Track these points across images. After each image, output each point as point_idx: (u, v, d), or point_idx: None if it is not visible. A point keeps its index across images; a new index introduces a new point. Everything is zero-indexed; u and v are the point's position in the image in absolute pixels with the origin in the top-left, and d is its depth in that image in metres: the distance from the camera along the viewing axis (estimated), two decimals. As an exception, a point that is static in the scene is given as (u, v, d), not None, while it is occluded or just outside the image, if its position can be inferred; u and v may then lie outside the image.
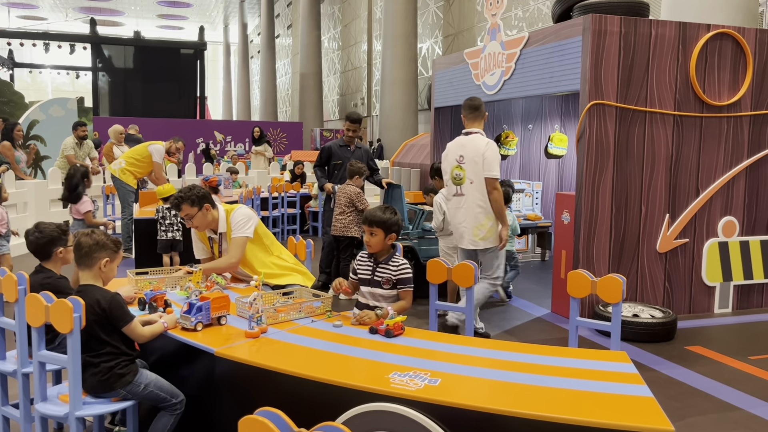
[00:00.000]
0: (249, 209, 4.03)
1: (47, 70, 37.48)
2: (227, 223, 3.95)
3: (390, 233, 3.38)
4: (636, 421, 2.07)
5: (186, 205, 3.80)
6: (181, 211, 3.82)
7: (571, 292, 3.51)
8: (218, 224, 3.96)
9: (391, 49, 19.06)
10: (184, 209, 3.81)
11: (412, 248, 6.24)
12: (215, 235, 4.03)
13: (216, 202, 4.01)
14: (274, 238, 4.27)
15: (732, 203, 6.07)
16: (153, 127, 20.24)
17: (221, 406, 2.85)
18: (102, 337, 2.81)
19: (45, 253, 3.40)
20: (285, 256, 4.22)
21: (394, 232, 3.40)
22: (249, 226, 3.92)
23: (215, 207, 3.95)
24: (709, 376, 4.44)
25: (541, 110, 9.36)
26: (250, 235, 3.92)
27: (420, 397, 2.25)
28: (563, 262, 5.94)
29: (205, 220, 3.89)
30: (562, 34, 5.97)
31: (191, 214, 3.82)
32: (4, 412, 3.23)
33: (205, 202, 3.86)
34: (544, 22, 16.06)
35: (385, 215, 3.37)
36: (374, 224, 3.36)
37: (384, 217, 3.36)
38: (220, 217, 3.95)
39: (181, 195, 3.82)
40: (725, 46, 5.89)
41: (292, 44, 37.85)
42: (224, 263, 3.89)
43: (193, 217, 3.83)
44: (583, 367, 2.56)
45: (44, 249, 3.39)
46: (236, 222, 3.90)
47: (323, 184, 6.81)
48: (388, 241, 3.40)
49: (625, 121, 5.66)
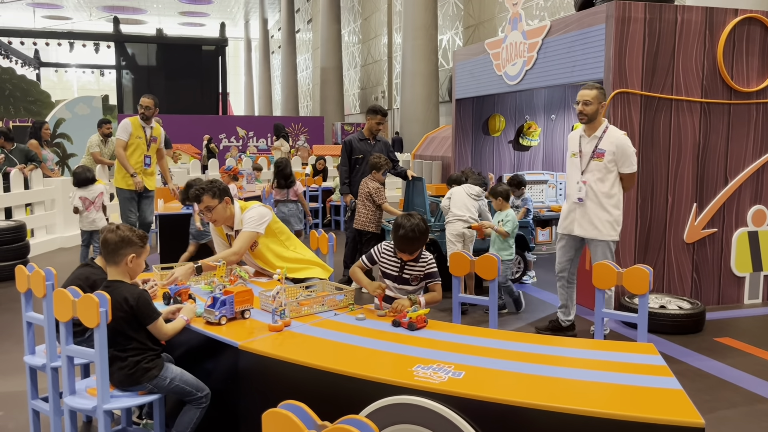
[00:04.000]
0: (263, 208, 4.04)
1: (72, 69, 38.05)
2: (241, 221, 3.97)
3: (424, 244, 3.37)
4: (665, 414, 2.03)
5: (207, 196, 3.82)
6: (201, 202, 3.85)
7: (597, 283, 3.47)
8: (234, 221, 3.99)
9: (411, 41, 18.97)
10: (204, 200, 3.83)
11: (434, 241, 6.22)
12: (232, 231, 4.05)
13: (234, 198, 4.05)
14: (291, 234, 4.27)
15: (762, 191, 5.94)
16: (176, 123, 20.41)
17: (245, 400, 2.87)
18: (129, 333, 2.84)
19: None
20: (301, 251, 4.23)
21: (425, 242, 3.36)
22: (260, 223, 3.92)
23: (233, 203, 3.99)
24: (738, 368, 4.35)
25: (564, 100, 9.24)
26: (260, 231, 3.92)
27: (444, 390, 2.24)
28: (587, 254, 5.87)
29: (224, 213, 3.92)
30: (584, 22, 5.88)
31: (212, 206, 3.85)
32: (34, 406, 3.29)
33: (226, 196, 3.90)
34: (566, 10, 15.85)
35: (423, 233, 3.28)
36: (416, 243, 3.28)
37: (423, 237, 3.28)
38: (236, 214, 3.98)
39: (203, 186, 3.85)
40: (753, 31, 5.75)
41: (313, 39, 37.93)
42: (225, 254, 3.88)
43: (213, 209, 3.86)
44: (610, 359, 2.53)
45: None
46: (248, 219, 3.92)
47: (345, 193, 6.77)
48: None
49: (651, 110, 5.57)
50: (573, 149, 4.80)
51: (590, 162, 4.66)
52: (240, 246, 3.88)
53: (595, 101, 4.57)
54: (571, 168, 4.81)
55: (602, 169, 4.61)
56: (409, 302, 3.15)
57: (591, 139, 4.66)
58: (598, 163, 4.62)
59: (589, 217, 4.68)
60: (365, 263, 3.55)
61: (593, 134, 4.66)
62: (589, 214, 4.67)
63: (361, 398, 2.35)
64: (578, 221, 4.73)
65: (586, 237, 4.74)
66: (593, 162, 4.64)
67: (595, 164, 4.63)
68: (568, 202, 4.87)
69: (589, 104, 4.59)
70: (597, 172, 4.63)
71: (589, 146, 4.67)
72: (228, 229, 4.08)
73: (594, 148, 4.64)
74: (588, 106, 4.59)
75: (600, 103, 4.60)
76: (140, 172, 6.84)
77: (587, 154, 4.68)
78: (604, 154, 4.60)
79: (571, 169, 4.81)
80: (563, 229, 4.89)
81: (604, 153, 4.60)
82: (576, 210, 4.74)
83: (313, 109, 37.96)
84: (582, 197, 4.67)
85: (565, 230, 4.87)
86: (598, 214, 4.65)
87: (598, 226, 4.66)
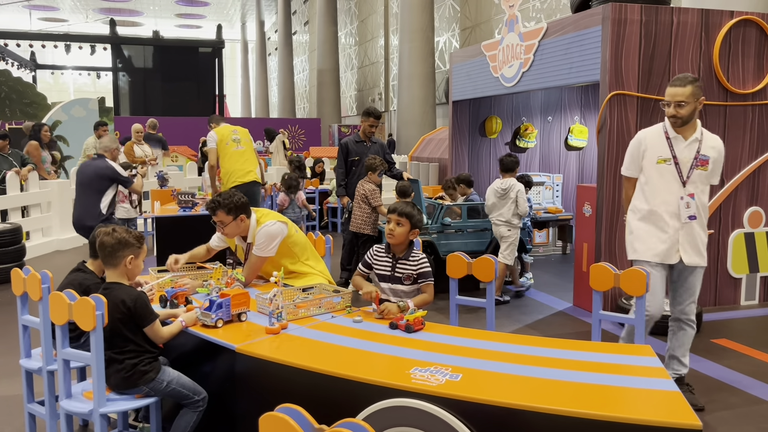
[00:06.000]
0: (277, 225, 3.82)
1: (69, 71, 37.96)
2: (254, 236, 3.81)
3: (414, 228, 3.42)
4: (662, 417, 2.03)
5: (222, 212, 3.68)
6: (215, 216, 3.71)
7: (594, 285, 3.47)
8: (249, 233, 3.83)
9: (408, 43, 18.97)
10: (219, 215, 3.69)
11: (431, 243, 6.22)
12: (244, 243, 3.92)
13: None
14: (307, 244, 4.08)
15: (758, 193, 5.96)
16: (173, 125, 20.39)
17: (242, 403, 2.86)
18: (126, 335, 2.83)
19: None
20: (312, 263, 4.04)
21: (418, 227, 3.44)
22: (272, 247, 3.77)
23: (249, 217, 3.81)
24: (735, 369, 4.36)
25: (561, 102, 9.26)
26: (270, 254, 3.78)
27: (441, 393, 2.24)
28: (585, 255, 5.88)
29: (237, 229, 3.77)
30: (581, 24, 5.89)
31: (225, 222, 3.71)
32: (30, 410, 3.28)
33: (241, 213, 3.73)
34: (563, 12, 15.87)
35: (413, 210, 3.43)
36: (403, 215, 3.39)
37: (413, 211, 3.42)
38: (250, 228, 3.81)
39: (219, 200, 3.69)
40: (749, 32, 5.76)
41: (309, 41, 37.92)
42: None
43: (227, 225, 3.73)
44: (607, 361, 2.53)
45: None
46: (259, 241, 3.75)
47: (342, 195, 6.80)
48: (410, 236, 3.42)
49: (647, 111, 5.58)
50: (661, 154, 3.80)
51: (693, 170, 3.75)
52: (249, 274, 3.78)
53: (692, 99, 3.66)
54: (662, 178, 3.80)
55: (704, 179, 3.79)
56: (396, 308, 3.12)
57: (689, 143, 3.74)
58: (702, 173, 3.76)
59: (694, 240, 3.78)
60: (362, 270, 3.55)
61: (691, 137, 3.75)
62: (694, 235, 3.78)
63: (359, 401, 2.35)
64: (683, 245, 3.77)
65: (691, 264, 3.81)
66: (696, 171, 3.75)
67: (699, 174, 3.76)
68: (657, 221, 3.81)
69: (684, 105, 3.66)
70: (701, 184, 3.78)
71: (688, 151, 3.75)
72: (240, 241, 3.95)
73: (696, 153, 3.75)
74: (683, 108, 3.67)
75: (698, 100, 3.69)
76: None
77: (687, 161, 3.75)
78: (708, 161, 3.76)
79: (662, 180, 3.79)
80: (660, 257, 3.80)
81: (708, 160, 3.76)
82: (681, 231, 3.76)
83: (309, 111, 37.94)
84: (694, 214, 3.76)
85: (664, 258, 3.80)
86: (701, 236, 3.81)
87: (701, 250, 3.82)
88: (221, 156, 7.07)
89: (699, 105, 3.70)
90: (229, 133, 7.13)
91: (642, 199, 3.88)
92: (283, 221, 3.89)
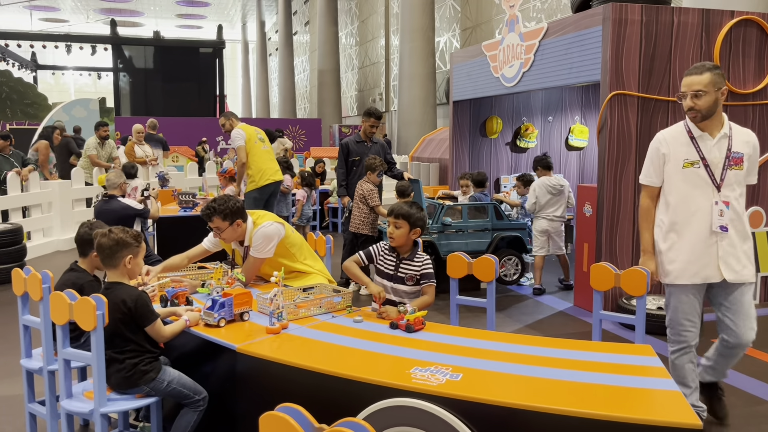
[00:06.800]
0: (274, 225, 3.81)
1: (70, 71, 38.02)
2: (251, 238, 3.80)
3: (414, 228, 3.40)
4: (663, 416, 2.03)
5: (218, 218, 3.65)
6: (211, 222, 3.68)
7: (594, 285, 3.46)
8: (245, 236, 3.82)
9: (408, 43, 18.98)
10: (215, 221, 3.66)
11: (432, 243, 6.22)
12: (241, 247, 3.91)
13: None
14: (303, 244, 4.07)
15: (759, 193, 5.95)
16: (173, 125, 20.40)
17: (243, 403, 2.86)
18: (127, 335, 2.83)
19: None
20: (310, 262, 4.04)
21: (418, 227, 3.41)
22: (269, 248, 3.76)
23: (246, 221, 3.79)
24: (736, 369, 4.34)
25: (561, 102, 9.26)
26: (268, 255, 3.77)
27: (441, 392, 2.24)
28: (585, 255, 5.88)
29: (234, 234, 3.76)
30: (581, 24, 5.89)
31: (221, 228, 3.69)
32: (31, 409, 3.28)
33: (237, 218, 3.71)
34: (563, 12, 15.87)
35: (411, 209, 3.40)
36: (400, 216, 3.38)
37: (410, 211, 3.38)
38: (247, 230, 3.79)
39: (214, 206, 3.66)
40: (750, 32, 5.76)
41: (310, 41, 37.92)
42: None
43: (223, 231, 3.71)
44: (608, 361, 2.53)
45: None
46: (256, 242, 3.74)
47: (342, 195, 6.81)
48: (412, 236, 3.41)
49: (647, 111, 5.58)
50: (687, 156, 3.28)
51: (726, 171, 3.24)
52: (248, 275, 3.76)
53: (711, 89, 3.15)
54: (690, 185, 3.27)
55: (741, 179, 3.28)
56: (396, 312, 3.10)
57: (717, 141, 3.24)
58: (738, 173, 3.25)
59: (735, 252, 3.26)
60: (362, 259, 3.50)
61: (719, 133, 3.25)
62: (736, 247, 3.26)
63: (359, 401, 2.35)
64: (724, 260, 3.23)
65: (736, 281, 3.26)
66: (731, 172, 3.24)
67: (735, 174, 3.24)
68: (689, 235, 3.28)
69: (702, 95, 3.17)
70: (737, 186, 3.27)
71: (717, 150, 3.24)
72: (237, 245, 3.94)
73: (727, 151, 3.24)
74: (701, 99, 3.17)
75: (719, 89, 3.18)
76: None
77: (718, 162, 3.24)
78: (742, 158, 3.25)
79: (691, 186, 3.27)
80: (692, 278, 3.27)
81: (742, 157, 3.25)
82: (716, 244, 3.24)
83: (310, 111, 37.94)
84: (726, 225, 3.23)
85: (697, 277, 3.27)
86: (743, 247, 3.29)
87: (746, 263, 3.29)
88: (250, 154, 7.02)
89: (721, 96, 3.20)
90: (254, 132, 7.13)
91: (668, 211, 3.35)
92: (280, 222, 3.88)
